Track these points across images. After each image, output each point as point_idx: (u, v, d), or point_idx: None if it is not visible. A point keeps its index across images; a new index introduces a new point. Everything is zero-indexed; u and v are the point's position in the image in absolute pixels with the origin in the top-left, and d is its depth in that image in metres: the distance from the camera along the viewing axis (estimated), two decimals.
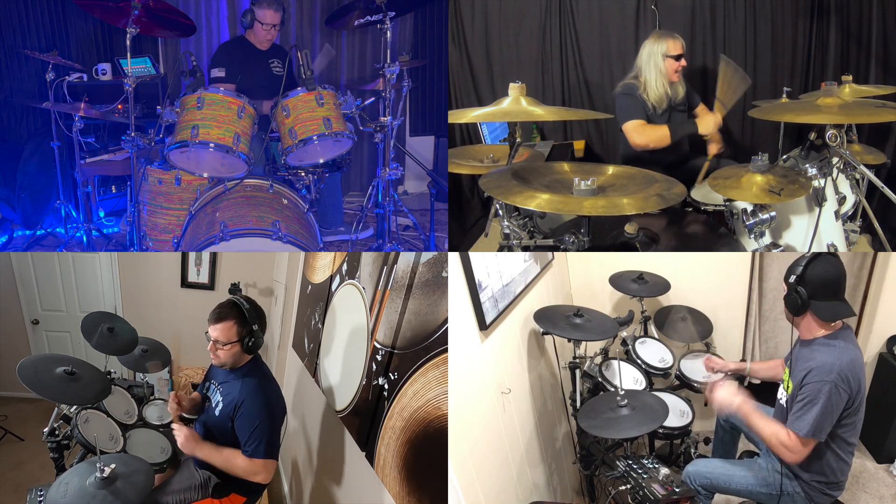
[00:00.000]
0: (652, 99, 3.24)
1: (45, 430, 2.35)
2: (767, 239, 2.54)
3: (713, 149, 3.36)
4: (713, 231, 2.66)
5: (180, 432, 2.22)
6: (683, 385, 2.99)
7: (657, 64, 3.23)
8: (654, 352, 3.10)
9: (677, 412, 2.77)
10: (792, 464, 2.08)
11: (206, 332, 2.30)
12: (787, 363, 2.25)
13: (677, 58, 3.24)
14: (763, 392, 2.56)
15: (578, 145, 4.35)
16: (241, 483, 2.27)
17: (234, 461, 2.22)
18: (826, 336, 2.07)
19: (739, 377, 2.65)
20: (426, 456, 1.90)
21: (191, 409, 2.52)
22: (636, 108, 3.23)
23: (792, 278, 2.07)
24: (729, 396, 2.20)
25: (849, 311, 2.06)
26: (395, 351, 2.20)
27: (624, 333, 3.07)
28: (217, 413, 2.30)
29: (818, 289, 2.04)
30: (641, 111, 3.23)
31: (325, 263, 3.23)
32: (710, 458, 2.66)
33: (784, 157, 2.86)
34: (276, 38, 3.99)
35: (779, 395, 2.26)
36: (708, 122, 3.16)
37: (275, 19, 3.80)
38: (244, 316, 2.29)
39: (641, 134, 3.20)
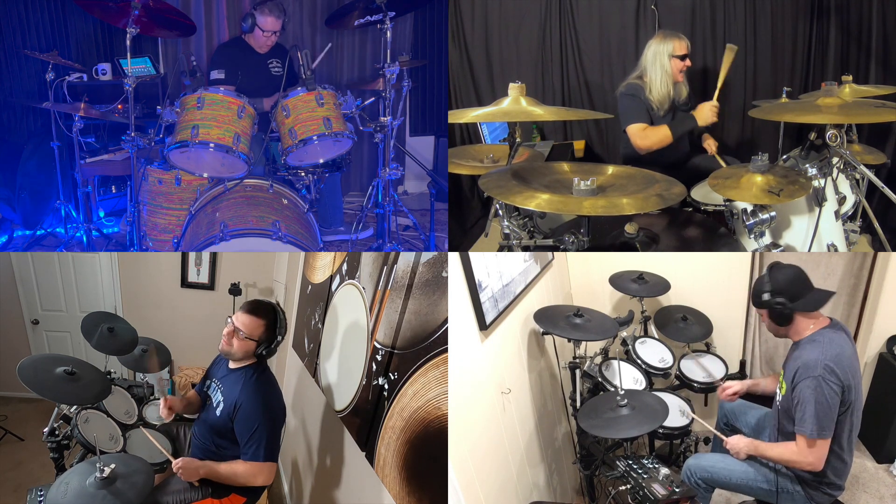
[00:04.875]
0: (656, 99, 3.24)
1: (45, 430, 2.35)
2: (767, 239, 2.54)
3: (711, 147, 3.36)
4: (713, 231, 2.66)
5: (176, 467, 2.19)
6: (683, 385, 2.99)
7: (663, 64, 3.23)
8: (654, 352, 3.10)
9: (677, 412, 2.77)
10: (812, 470, 2.07)
11: (230, 318, 2.31)
12: (783, 367, 2.26)
13: (682, 58, 3.24)
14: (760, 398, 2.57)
15: (578, 145, 4.35)
16: None
17: (235, 470, 2.22)
18: (812, 334, 2.10)
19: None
20: (426, 456, 1.90)
21: (185, 409, 2.52)
22: (640, 110, 3.23)
23: (765, 297, 2.13)
24: (736, 446, 2.28)
25: (828, 294, 2.12)
26: (395, 351, 2.20)
27: (624, 333, 3.07)
28: (218, 413, 2.30)
29: (793, 290, 2.10)
30: (645, 114, 3.23)
31: (325, 263, 3.23)
32: (710, 453, 2.66)
33: (784, 157, 2.86)
34: None
35: (776, 398, 2.27)
36: (705, 112, 3.15)
37: (276, 26, 3.80)
38: (276, 324, 2.31)
39: (644, 138, 3.20)
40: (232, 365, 2.37)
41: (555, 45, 4.27)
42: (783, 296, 2.10)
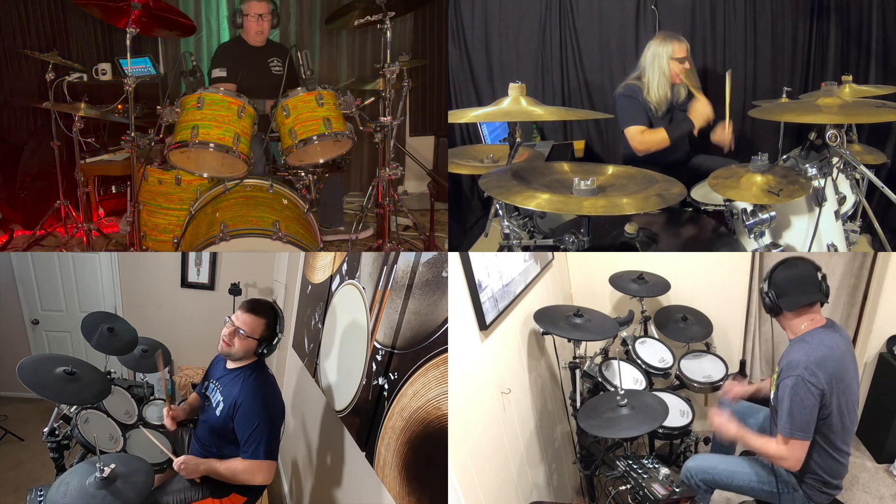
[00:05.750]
0: (654, 101, 3.24)
1: (45, 430, 2.35)
2: (767, 239, 2.54)
3: (726, 139, 3.28)
4: (713, 231, 2.66)
5: (178, 464, 2.20)
6: (683, 385, 2.99)
7: (661, 66, 3.22)
8: (654, 352, 3.10)
9: (677, 412, 2.77)
10: (789, 469, 2.09)
11: (229, 317, 2.31)
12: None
13: (681, 60, 3.24)
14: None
15: (578, 145, 4.35)
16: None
17: (234, 468, 2.22)
18: (805, 333, 2.11)
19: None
20: (426, 456, 1.90)
21: (189, 414, 2.53)
22: (638, 111, 3.22)
23: (763, 285, 2.18)
24: (724, 425, 2.26)
25: (815, 296, 2.10)
26: (395, 351, 2.20)
27: (624, 333, 3.07)
28: (217, 412, 2.30)
29: (785, 288, 2.11)
30: (643, 115, 3.23)
31: (325, 263, 3.23)
32: (711, 454, 2.66)
33: (784, 157, 2.86)
34: (276, 37, 3.98)
35: (771, 397, 2.27)
36: (698, 111, 3.14)
37: (261, 9, 3.79)
38: (276, 323, 2.32)
39: (641, 142, 3.20)
40: (230, 365, 2.37)
41: (555, 45, 4.27)
42: (774, 290, 2.13)
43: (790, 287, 2.12)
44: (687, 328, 3.13)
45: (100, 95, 4.10)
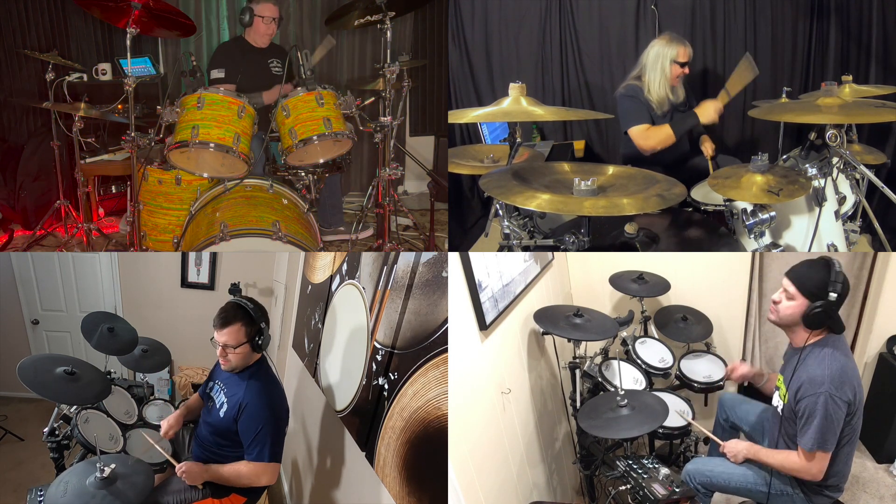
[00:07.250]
0: (654, 100, 3.24)
1: (45, 430, 2.35)
2: (767, 239, 2.54)
3: (708, 150, 3.35)
4: (713, 231, 2.66)
5: (180, 471, 2.19)
6: (683, 385, 2.99)
7: (663, 67, 3.22)
8: (654, 352, 3.10)
9: (676, 413, 2.76)
10: (814, 480, 2.07)
11: (212, 339, 2.29)
12: (780, 370, 2.26)
13: (683, 65, 3.24)
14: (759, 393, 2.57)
15: (578, 145, 4.35)
16: None
17: (239, 471, 2.22)
18: (814, 344, 2.08)
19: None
20: (426, 456, 1.90)
21: (188, 417, 2.52)
22: (640, 111, 3.22)
23: (832, 296, 2.00)
24: (734, 450, 2.27)
25: (842, 325, 2.08)
26: (395, 351, 2.20)
27: (624, 333, 3.07)
28: (221, 414, 2.30)
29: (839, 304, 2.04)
30: (646, 114, 3.22)
31: (325, 263, 3.23)
32: (709, 456, 2.66)
33: (784, 157, 2.86)
34: (277, 38, 3.97)
35: (774, 402, 2.27)
36: (708, 110, 3.12)
37: (274, 12, 3.80)
38: (250, 316, 2.28)
39: (647, 139, 3.19)
40: None
41: (555, 45, 4.27)
42: (840, 304, 2.02)
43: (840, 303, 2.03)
44: (687, 328, 3.13)
45: (100, 95, 4.10)
